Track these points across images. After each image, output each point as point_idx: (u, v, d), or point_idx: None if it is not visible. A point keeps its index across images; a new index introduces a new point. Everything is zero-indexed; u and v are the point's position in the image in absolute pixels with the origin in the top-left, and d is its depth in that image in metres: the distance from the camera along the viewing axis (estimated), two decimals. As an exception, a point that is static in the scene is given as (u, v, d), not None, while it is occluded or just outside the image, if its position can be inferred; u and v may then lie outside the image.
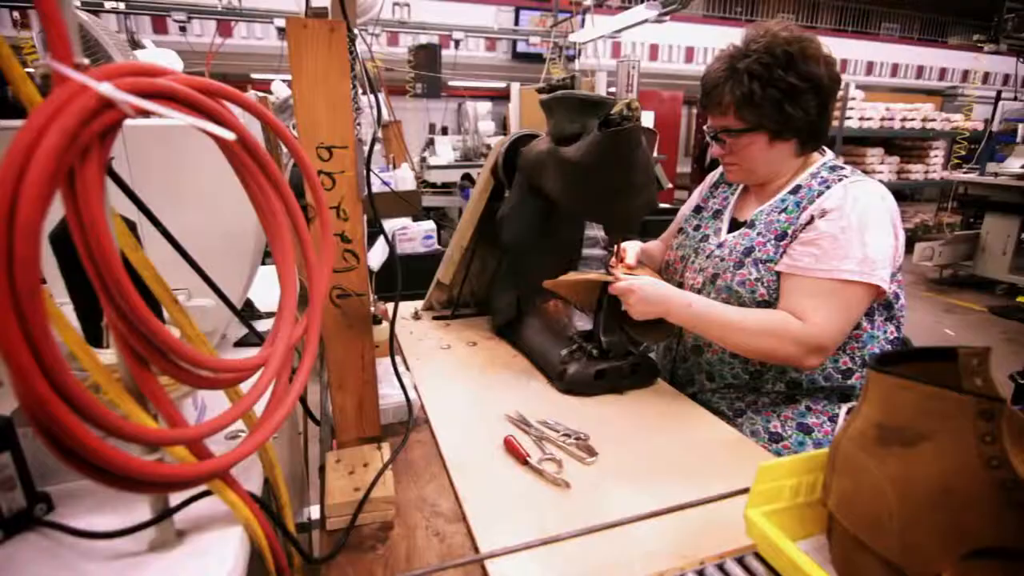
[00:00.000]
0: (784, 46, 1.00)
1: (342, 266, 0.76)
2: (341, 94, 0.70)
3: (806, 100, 1.02)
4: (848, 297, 0.97)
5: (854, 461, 0.55)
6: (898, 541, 0.52)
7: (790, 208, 1.07)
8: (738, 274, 1.07)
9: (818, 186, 1.05)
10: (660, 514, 0.74)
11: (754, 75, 1.01)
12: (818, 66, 1.02)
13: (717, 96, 1.07)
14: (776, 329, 0.97)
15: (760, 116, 1.03)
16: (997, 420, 0.47)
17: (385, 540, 0.72)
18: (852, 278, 0.95)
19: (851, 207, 0.98)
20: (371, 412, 0.85)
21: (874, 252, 0.96)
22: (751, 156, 1.09)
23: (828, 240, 0.97)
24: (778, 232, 1.06)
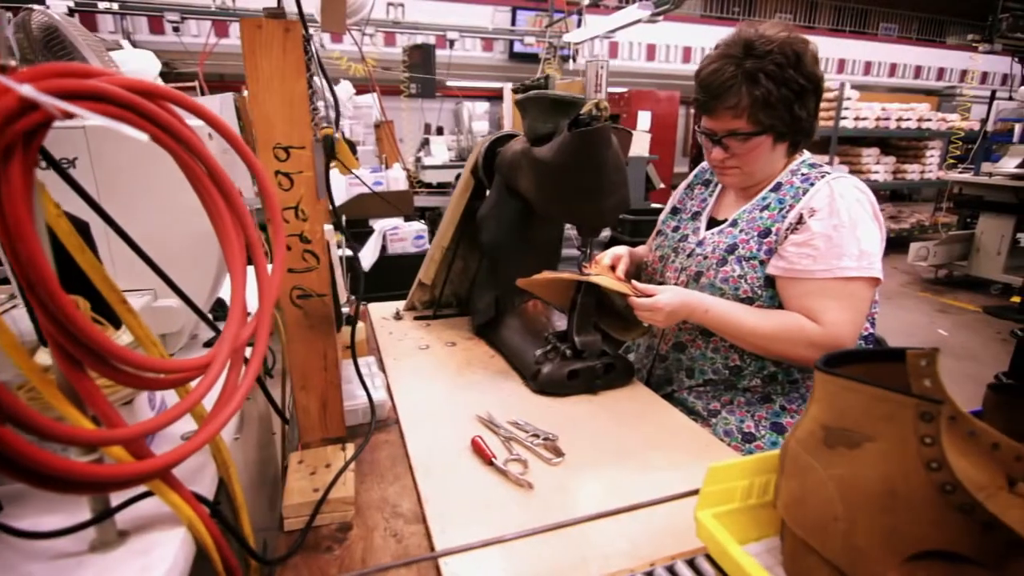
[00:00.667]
0: (791, 45, 1.00)
1: (302, 266, 0.76)
2: (297, 94, 0.70)
3: (809, 101, 1.03)
4: (853, 292, 0.97)
5: (801, 463, 0.55)
6: (843, 544, 0.51)
7: (772, 205, 1.06)
8: (721, 271, 1.07)
9: (800, 183, 1.05)
10: (615, 513, 0.74)
11: (770, 76, 0.99)
12: (815, 66, 1.02)
13: (731, 99, 1.01)
14: (792, 333, 0.97)
15: (773, 118, 1.01)
16: (937, 422, 0.47)
17: (342, 541, 0.72)
18: (853, 274, 0.96)
19: (841, 204, 0.98)
20: (335, 413, 0.85)
21: (868, 246, 0.97)
22: (755, 159, 1.07)
23: (823, 240, 0.97)
24: (761, 229, 1.06)
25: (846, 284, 0.96)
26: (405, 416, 1.02)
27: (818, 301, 0.96)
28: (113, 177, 0.88)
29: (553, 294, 1.22)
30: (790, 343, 0.97)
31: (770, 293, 1.05)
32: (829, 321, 0.95)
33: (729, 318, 1.01)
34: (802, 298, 0.98)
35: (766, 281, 1.04)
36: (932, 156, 6.49)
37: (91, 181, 0.85)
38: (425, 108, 5.64)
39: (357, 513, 0.76)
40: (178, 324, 0.92)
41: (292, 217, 0.74)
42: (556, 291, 1.20)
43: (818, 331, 0.94)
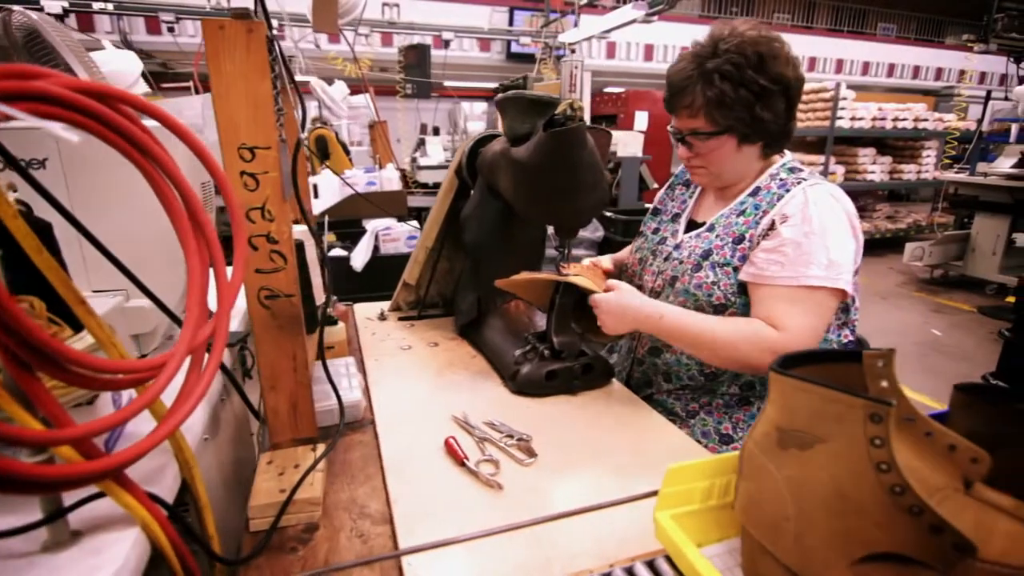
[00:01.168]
0: (754, 46, 0.98)
1: (269, 267, 0.76)
2: (262, 95, 0.70)
3: (776, 102, 1.00)
4: (817, 302, 0.96)
5: (757, 464, 0.55)
6: (795, 545, 0.51)
7: (748, 211, 1.06)
8: (696, 276, 1.07)
9: (777, 188, 1.04)
10: (580, 513, 0.74)
11: (725, 76, 0.99)
12: (786, 67, 1.00)
13: (687, 97, 1.03)
14: (750, 336, 0.95)
15: (731, 118, 1.01)
16: (886, 423, 0.47)
17: (307, 541, 0.71)
18: (818, 283, 0.94)
19: (813, 211, 0.97)
20: (306, 413, 0.85)
21: (838, 256, 0.96)
22: (719, 159, 1.06)
23: (792, 247, 0.96)
24: (736, 235, 1.05)
25: (811, 293, 0.95)
26: (381, 417, 1.02)
27: (780, 306, 0.95)
28: (85, 178, 0.87)
29: (533, 294, 1.22)
30: (749, 348, 0.94)
31: (744, 300, 1.03)
32: (789, 326, 0.93)
33: (684, 323, 0.99)
34: (766, 303, 0.98)
35: (739, 288, 1.03)
36: (929, 156, 6.49)
37: (61, 182, 0.85)
38: (421, 108, 5.64)
39: (324, 514, 0.76)
40: (151, 324, 0.92)
41: (258, 217, 0.74)
42: (535, 291, 1.20)
43: (777, 337, 0.93)
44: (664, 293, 1.13)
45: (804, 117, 6.14)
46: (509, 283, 1.13)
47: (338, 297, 2.02)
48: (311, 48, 4.28)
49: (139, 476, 0.63)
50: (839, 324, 1.07)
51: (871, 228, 6.48)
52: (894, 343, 3.95)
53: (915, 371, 3.38)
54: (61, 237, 0.73)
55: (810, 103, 6.04)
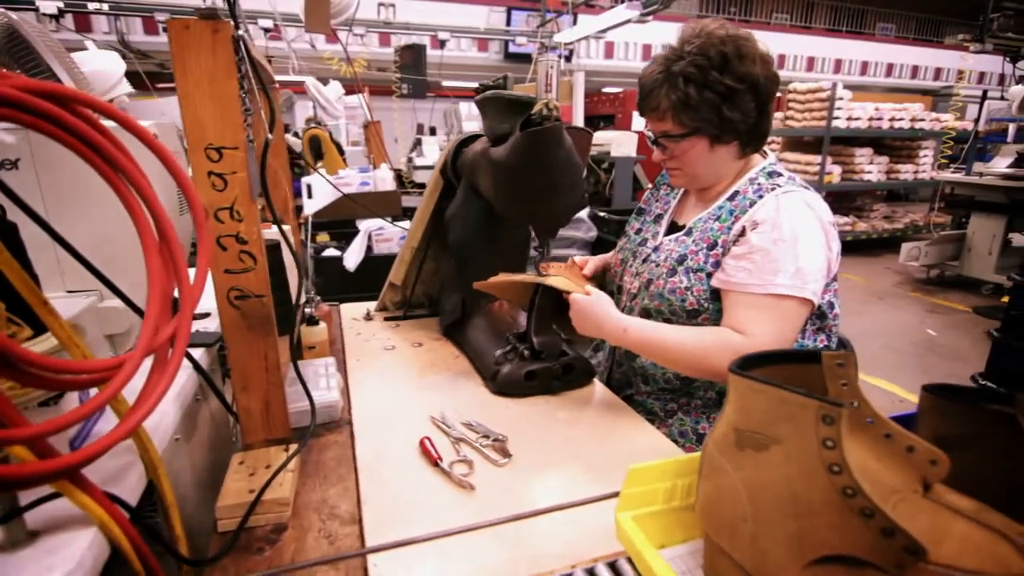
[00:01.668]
0: (719, 46, 0.98)
1: (238, 267, 0.76)
2: (228, 95, 0.70)
3: (744, 102, 0.99)
4: (784, 311, 0.95)
5: (715, 465, 0.55)
6: (750, 546, 0.51)
7: (724, 216, 1.05)
8: (670, 281, 1.06)
9: (753, 194, 1.03)
10: (546, 512, 0.74)
11: (689, 78, 0.98)
12: (754, 65, 0.99)
13: (654, 101, 1.04)
14: (718, 345, 0.95)
15: (698, 120, 1.00)
16: (837, 425, 0.47)
17: (275, 542, 0.71)
18: (785, 292, 0.94)
19: (784, 219, 0.96)
20: (279, 414, 0.85)
21: (806, 264, 0.95)
22: (692, 161, 1.06)
23: (761, 254, 0.96)
24: (710, 241, 1.04)
25: (779, 301, 0.95)
26: (359, 417, 1.02)
27: (747, 313, 0.95)
28: (59, 178, 0.87)
29: (512, 295, 1.22)
30: (718, 355, 0.93)
31: (717, 306, 1.03)
32: (755, 332, 0.93)
33: (648, 336, 0.99)
34: (734, 309, 0.97)
35: (713, 294, 1.03)
36: (926, 156, 6.48)
37: (34, 182, 0.84)
38: (418, 108, 5.63)
39: (294, 514, 0.76)
40: (125, 325, 0.92)
41: (227, 218, 0.74)
42: (515, 292, 1.19)
43: (744, 342, 0.93)
44: (640, 296, 1.13)
45: (801, 117, 6.14)
46: (487, 285, 1.13)
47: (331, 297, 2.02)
48: (306, 48, 4.29)
49: (101, 476, 0.63)
50: (815, 329, 1.06)
51: (868, 228, 6.47)
52: (889, 343, 3.94)
53: (910, 371, 3.38)
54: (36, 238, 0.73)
55: (807, 103, 6.04)
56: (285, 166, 1.30)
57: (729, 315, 0.98)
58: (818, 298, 0.97)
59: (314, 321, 1.21)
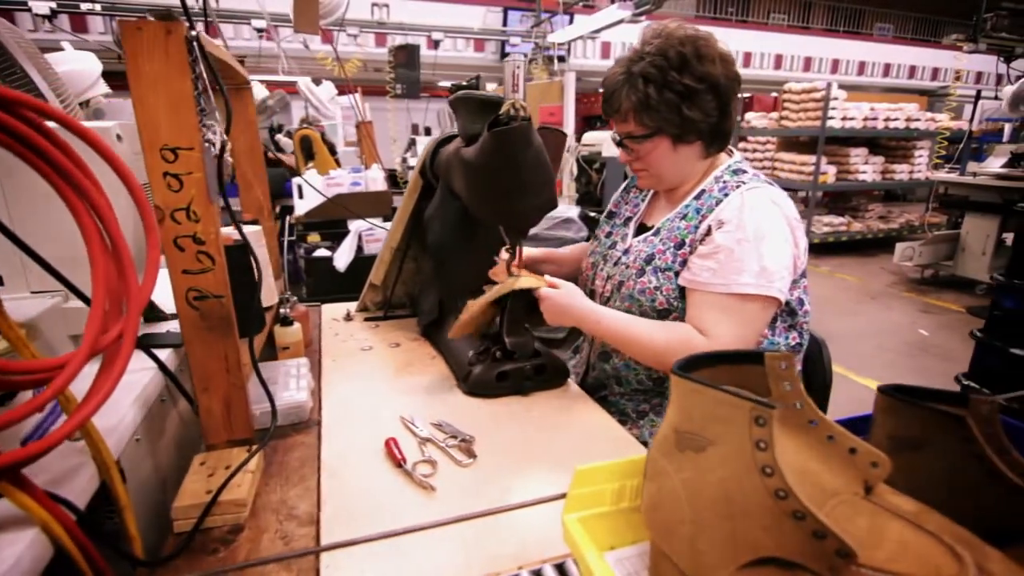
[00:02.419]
0: (678, 47, 0.98)
1: (196, 267, 0.75)
2: (182, 96, 0.70)
3: (704, 101, 1.00)
4: (748, 310, 0.95)
5: (658, 466, 0.55)
6: (688, 548, 0.51)
7: (690, 215, 1.05)
8: (639, 282, 1.07)
9: (718, 192, 1.04)
10: (500, 512, 0.74)
11: (649, 79, 0.99)
12: (714, 65, 0.99)
13: (616, 102, 1.05)
14: (679, 343, 0.95)
15: (659, 120, 1.01)
16: (769, 426, 0.47)
17: (230, 543, 0.71)
18: (750, 291, 0.94)
19: (747, 217, 0.96)
20: (240, 414, 0.85)
21: (771, 263, 0.95)
22: (656, 161, 1.07)
23: (725, 253, 0.96)
24: (677, 240, 1.05)
25: (742, 301, 0.95)
26: (328, 418, 1.02)
27: (710, 314, 0.96)
28: (21, 180, 0.87)
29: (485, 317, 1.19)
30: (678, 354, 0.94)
31: (685, 305, 1.03)
32: (715, 334, 0.94)
33: (619, 326, 1.01)
34: (697, 308, 0.98)
35: (681, 292, 1.03)
36: (921, 156, 6.47)
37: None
38: (413, 108, 5.64)
39: (252, 515, 0.76)
40: (91, 325, 0.92)
41: (184, 218, 0.73)
42: (489, 314, 1.17)
43: (704, 343, 0.93)
44: (612, 299, 1.13)
45: (796, 117, 6.13)
46: (462, 325, 1.13)
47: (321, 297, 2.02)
48: (299, 48, 4.29)
49: (49, 477, 0.63)
50: (786, 327, 1.06)
51: (863, 228, 6.46)
52: (882, 343, 3.94)
53: (901, 371, 3.37)
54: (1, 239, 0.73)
55: (801, 103, 6.03)
56: (260, 167, 1.30)
57: (692, 313, 0.99)
58: (785, 295, 0.97)
59: (288, 321, 1.21)
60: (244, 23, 5.08)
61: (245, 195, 1.30)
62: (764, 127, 6.77)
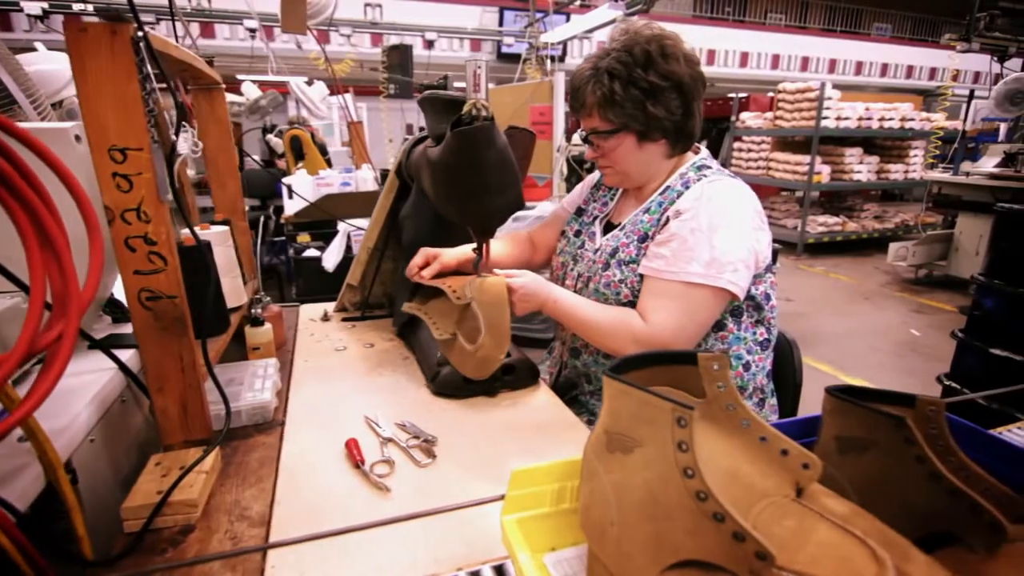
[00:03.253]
0: (644, 45, 0.99)
1: (148, 268, 0.75)
2: (130, 96, 0.70)
3: (668, 99, 1.01)
4: (694, 299, 0.95)
5: (591, 468, 0.55)
6: (616, 550, 0.51)
7: (653, 208, 1.06)
8: (604, 275, 1.07)
9: (680, 186, 1.05)
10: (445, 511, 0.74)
11: (614, 75, 1.00)
12: (678, 64, 1.00)
13: (582, 97, 1.06)
14: (619, 326, 0.97)
15: (624, 116, 1.02)
16: (689, 428, 0.47)
17: (179, 543, 0.71)
18: (698, 280, 0.94)
19: (703, 207, 0.97)
20: (197, 414, 0.85)
21: (723, 254, 0.94)
22: (622, 158, 1.07)
23: (678, 242, 0.97)
24: (640, 233, 1.05)
25: (688, 290, 0.95)
26: (292, 418, 1.02)
27: (654, 300, 0.97)
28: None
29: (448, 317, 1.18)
30: (617, 337, 0.97)
31: None
32: (654, 321, 0.95)
33: (570, 309, 1.04)
34: (644, 295, 0.99)
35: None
36: (916, 156, 6.47)
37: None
38: (407, 108, 5.63)
39: (204, 516, 0.76)
40: (51, 326, 0.92)
41: (134, 219, 0.73)
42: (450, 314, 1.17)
43: (642, 328, 0.94)
44: (582, 295, 1.13)
45: (790, 117, 6.13)
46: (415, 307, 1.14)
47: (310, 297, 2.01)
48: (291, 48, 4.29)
49: (-9, 478, 0.63)
50: (752, 322, 1.06)
51: (858, 228, 6.46)
52: (873, 343, 3.93)
53: (890, 371, 3.37)
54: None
55: (795, 103, 6.03)
56: (233, 166, 1.30)
57: (640, 299, 1.00)
58: (738, 288, 0.96)
59: (258, 322, 1.21)
60: (236, 23, 5.09)
61: (219, 194, 1.30)
62: (759, 127, 6.76)
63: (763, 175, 6.84)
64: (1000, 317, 1.85)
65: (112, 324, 1.12)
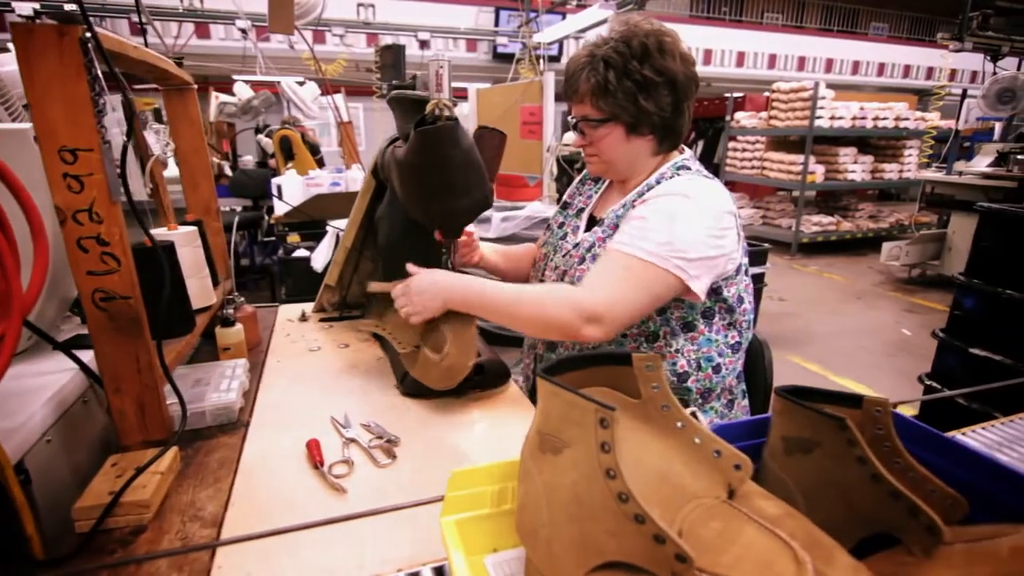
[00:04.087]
0: (642, 38, 1.00)
1: (101, 269, 0.76)
2: (79, 97, 0.70)
3: (660, 95, 1.01)
4: (639, 275, 0.93)
5: (526, 468, 0.55)
6: (545, 551, 0.51)
7: (628, 203, 1.07)
8: (579, 270, 1.07)
9: (655, 182, 1.05)
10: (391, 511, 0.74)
11: (610, 64, 1.00)
12: (674, 61, 1.01)
13: (575, 83, 1.06)
14: (556, 294, 0.94)
15: (615, 107, 1.02)
16: (611, 429, 0.47)
17: (129, 544, 0.71)
18: (646, 257, 0.92)
19: (671, 197, 0.97)
20: (155, 415, 0.85)
21: (680, 240, 0.93)
22: (609, 147, 1.08)
23: (638, 220, 0.97)
24: (614, 227, 1.06)
25: (635, 264, 0.92)
26: (258, 419, 1.02)
27: (598, 268, 0.95)
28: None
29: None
30: (553, 304, 0.91)
31: None
32: (593, 286, 0.92)
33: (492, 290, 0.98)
34: (593, 266, 0.99)
35: None
36: (911, 155, 6.46)
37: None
38: (401, 108, 5.63)
39: (157, 517, 0.76)
40: None
41: (86, 220, 0.73)
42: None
43: (580, 293, 0.91)
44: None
45: (784, 117, 6.12)
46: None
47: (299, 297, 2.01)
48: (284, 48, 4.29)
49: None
50: (724, 325, 1.06)
51: (853, 227, 6.45)
52: (864, 343, 3.92)
53: (880, 371, 3.37)
54: None
55: (789, 103, 6.02)
56: (206, 167, 1.30)
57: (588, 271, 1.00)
58: (689, 279, 0.94)
59: (229, 322, 1.21)
60: (229, 23, 5.09)
61: (191, 195, 1.30)
62: (753, 126, 6.76)
63: (758, 175, 6.83)
64: (980, 317, 1.85)
65: (81, 324, 1.12)
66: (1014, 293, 1.71)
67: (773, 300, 4.54)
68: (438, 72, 0.92)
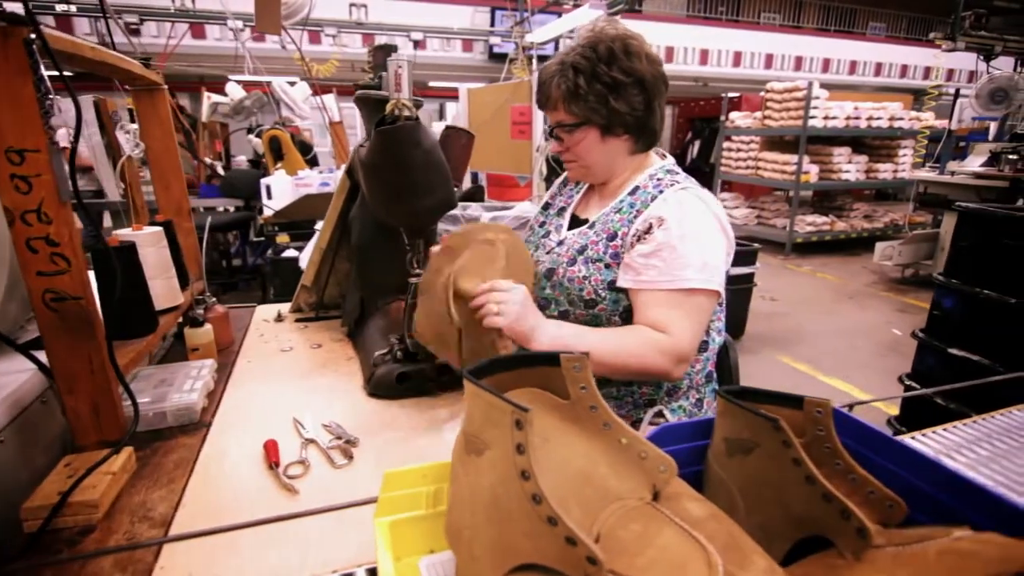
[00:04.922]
0: (608, 43, 1.02)
1: (51, 269, 0.76)
2: (25, 98, 0.70)
3: (630, 95, 1.03)
4: (696, 304, 0.98)
5: (454, 470, 0.55)
6: (467, 553, 0.51)
7: (624, 209, 1.07)
8: (570, 270, 1.08)
9: (653, 188, 1.07)
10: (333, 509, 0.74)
11: (579, 69, 1.03)
12: (640, 62, 1.03)
13: (547, 91, 1.08)
14: (643, 343, 0.95)
15: (587, 110, 1.04)
16: (525, 430, 0.47)
17: (76, 544, 0.71)
18: (696, 286, 0.96)
19: (687, 216, 1.00)
20: (109, 415, 0.85)
21: (711, 258, 0.98)
22: (586, 151, 1.09)
23: (668, 251, 0.98)
24: (610, 232, 1.07)
25: (689, 295, 0.97)
26: (220, 419, 1.02)
27: (663, 312, 0.97)
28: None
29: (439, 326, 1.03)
30: (643, 351, 0.94)
31: (613, 296, 1.04)
32: (674, 331, 0.95)
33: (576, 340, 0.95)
34: (650, 308, 0.98)
35: (609, 284, 1.04)
36: (905, 155, 6.45)
37: None
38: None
39: (107, 517, 0.76)
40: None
41: (35, 220, 0.74)
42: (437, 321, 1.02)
43: (667, 340, 0.94)
44: (539, 284, 1.14)
45: (778, 116, 6.12)
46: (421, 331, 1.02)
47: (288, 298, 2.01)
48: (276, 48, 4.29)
49: None
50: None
51: (847, 227, 6.45)
52: (854, 343, 3.92)
53: (870, 371, 3.36)
54: None
55: (783, 103, 6.02)
56: (177, 167, 1.30)
57: (645, 314, 0.99)
58: (723, 289, 1.00)
59: (198, 323, 1.21)
60: (221, 23, 5.09)
61: (162, 195, 1.31)
62: (748, 126, 6.75)
63: (752, 175, 6.83)
64: (958, 317, 1.85)
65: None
66: (991, 293, 1.71)
67: (764, 300, 4.54)
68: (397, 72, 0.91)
